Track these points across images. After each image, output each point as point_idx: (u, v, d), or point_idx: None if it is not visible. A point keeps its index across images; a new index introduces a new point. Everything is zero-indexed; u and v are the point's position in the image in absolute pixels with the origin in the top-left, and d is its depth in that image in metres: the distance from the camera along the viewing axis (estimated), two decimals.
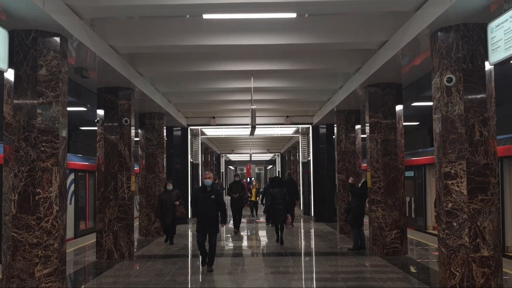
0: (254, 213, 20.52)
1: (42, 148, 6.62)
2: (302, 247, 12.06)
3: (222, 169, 39.19)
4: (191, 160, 19.07)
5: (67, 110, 7.21)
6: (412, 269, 9.10)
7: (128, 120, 10.37)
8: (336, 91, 13.56)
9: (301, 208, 21.90)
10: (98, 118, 10.37)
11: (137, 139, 14.27)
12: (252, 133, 12.65)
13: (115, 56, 8.95)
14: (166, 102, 13.94)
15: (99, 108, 10.42)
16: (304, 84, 12.71)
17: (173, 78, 12.64)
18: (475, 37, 6.65)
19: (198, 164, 20.90)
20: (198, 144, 20.87)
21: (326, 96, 14.37)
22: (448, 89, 6.76)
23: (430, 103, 7.43)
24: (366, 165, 11.14)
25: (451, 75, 6.70)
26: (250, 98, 12.81)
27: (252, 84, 11.92)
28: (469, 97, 6.65)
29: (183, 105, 15.93)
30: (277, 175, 33.92)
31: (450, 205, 6.71)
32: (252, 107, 11.37)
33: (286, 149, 31.51)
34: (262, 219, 18.22)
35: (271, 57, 10.56)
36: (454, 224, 6.65)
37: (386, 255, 10.03)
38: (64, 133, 6.99)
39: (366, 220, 11.00)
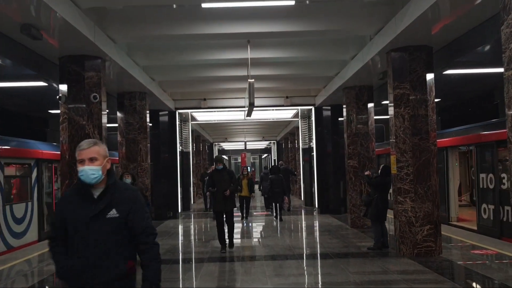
0: (244, 213, 14.50)
1: None
2: (312, 247, 10.16)
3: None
4: (181, 148, 17.11)
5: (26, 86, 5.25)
6: (458, 276, 7.29)
7: (98, 97, 8.43)
8: (346, 63, 11.65)
9: (302, 199, 20.06)
10: (60, 95, 8.42)
11: (115, 125, 12.31)
12: (249, 113, 10.74)
13: (75, 11, 6.98)
14: (148, 79, 11.96)
15: (62, 82, 8.47)
16: (310, 53, 10.75)
17: (155, 49, 10.64)
18: None
19: (188, 153, 18.95)
20: (189, 130, 18.91)
21: (334, 70, 12.43)
22: None
23: (466, 71, 5.51)
24: (389, 148, 9.28)
25: None
26: (246, 74, 10.91)
27: (249, 53, 10.02)
28: None
29: (169, 84, 13.93)
30: (274, 164, 32.24)
31: None
32: (249, 80, 9.43)
33: (283, 136, 29.60)
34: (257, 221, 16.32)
35: (272, 18, 8.62)
36: None
37: (417, 256, 8.20)
38: None
39: (389, 214, 9.17)
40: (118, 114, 12.15)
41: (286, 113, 19.54)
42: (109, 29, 8.45)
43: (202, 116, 19.05)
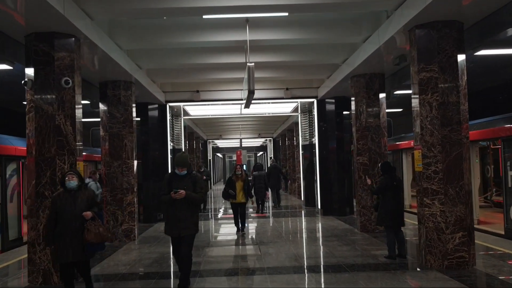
0: (240, 224, 11.49)
1: None
2: (322, 256, 8.84)
3: (210, 157, 35.92)
4: (172, 145, 15.80)
5: None
6: None
7: (70, 81, 7.12)
8: (355, 47, 10.41)
9: (302, 198, 18.79)
10: (26, 79, 7.10)
11: (98, 119, 10.98)
12: (247, 104, 9.37)
13: None
14: (134, 66, 10.64)
15: (28, 64, 7.16)
16: (316, 35, 9.48)
17: (140, 29, 9.31)
18: None
19: (181, 150, 17.61)
20: (181, 126, 17.57)
21: (342, 56, 11.16)
22: None
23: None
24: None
25: None
26: (243, 61, 9.69)
27: (247, 34, 8.78)
28: None
29: (158, 73, 12.59)
30: (273, 161, 31.11)
31: None
32: (249, 64, 8.13)
33: (280, 133, 28.32)
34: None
35: None
36: None
37: (448, 269, 6.99)
38: None
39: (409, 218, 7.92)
40: (101, 106, 10.82)
41: (285, 107, 18.25)
42: (84, 2, 7.15)
43: (195, 110, 17.72)
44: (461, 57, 7.24)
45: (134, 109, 11.05)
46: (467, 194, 7.13)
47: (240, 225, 11.38)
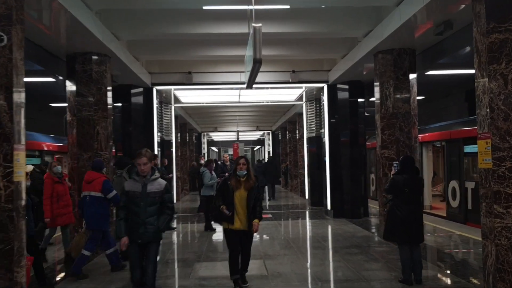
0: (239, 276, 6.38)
1: None
2: (348, 278, 6.60)
3: (204, 150, 33.83)
4: (159, 135, 13.75)
5: None
6: None
7: (4, 38, 5.08)
8: (381, 16, 8.44)
9: (307, 197, 16.81)
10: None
11: (64, 105, 8.91)
12: (251, 80, 7.29)
13: None
14: (109, 35, 8.61)
15: None
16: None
17: None
18: None
19: (170, 142, 15.59)
20: (171, 114, 15.54)
21: (364, 27, 9.16)
22: None
23: None
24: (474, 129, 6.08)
25: None
26: (246, 31, 7.70)
27: None
28: None
29: (141, 47, 10.54)
30: (270, 157, 29.18)
31: None
32: (254, 25, 6.11)
33: (280, 125, 26.27)
34: None
35: None
36: None
37: None
38: None
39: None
40: (68, 84, 8.77)
41: (288, 95, 16.24)
42: None
43: (187, 96, 15.68)
44: None
45: (109, 89, 9.02)
46: None
47: (239, 274, 6.02)
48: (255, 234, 5.91)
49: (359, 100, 12.66)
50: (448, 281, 6.54)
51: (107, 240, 6.92)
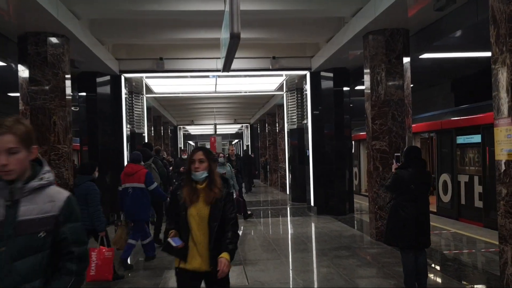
0: None
1: None
2: (340, 286, 5.92)
3: (181, 144, 32.73)
4: (129, 127, 12.70)
5: None
6: None
7: None
8: None
9: (288, 193, 15.99)
10: None
11: (16, 94, 7.83)
12: (227, 60, 6.31)
13: None
14: (67, 13, 7.55)
15: None
16: None
17: None
18: None
19: (142, 135, 14.52)
20: (143, 105, 14.47)
21: (353, 5, 8.31)
22: None
23: None
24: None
25: None
26: (222, 9, 6.75)
27: None
28: None
29: (105, 28, 9.47)
30: (247, 151, 28.35)
31: None
32: None
33: (258, 118, 25.38)
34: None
35: None
36: None
37: None
38: None
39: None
40: (20, 68, 7.70)
41: (268, 84, 15.32)
42: None
43: (160, 86, 14.60)
44: None
45: (68, 76, 7.97)
46: None
47: None
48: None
49: (345, 88, 11.85)
50: None
51: (145, 231, 7.15)
